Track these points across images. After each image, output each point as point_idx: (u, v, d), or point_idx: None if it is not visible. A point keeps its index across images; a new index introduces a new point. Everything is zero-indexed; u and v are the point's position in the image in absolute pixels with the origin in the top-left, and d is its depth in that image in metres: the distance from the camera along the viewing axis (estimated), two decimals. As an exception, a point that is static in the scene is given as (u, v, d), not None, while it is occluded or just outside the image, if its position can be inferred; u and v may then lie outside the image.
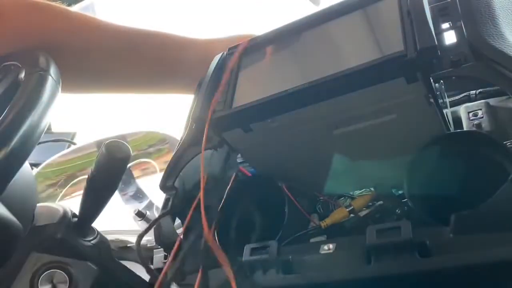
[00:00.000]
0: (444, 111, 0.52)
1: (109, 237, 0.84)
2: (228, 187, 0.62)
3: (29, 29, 0.69)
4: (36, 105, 0.58)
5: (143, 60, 0.71)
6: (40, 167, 1.23)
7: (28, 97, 0.58)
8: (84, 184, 0.72)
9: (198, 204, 0.60)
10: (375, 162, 0.56)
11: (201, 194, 0.54)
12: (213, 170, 0.59)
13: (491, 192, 0.42)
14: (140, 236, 0.57)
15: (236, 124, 0.54)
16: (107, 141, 0.68)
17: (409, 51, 0.45)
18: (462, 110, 0.61)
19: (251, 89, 0.56)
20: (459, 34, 0.51)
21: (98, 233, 0.79)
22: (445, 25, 0.52)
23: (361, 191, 0.60)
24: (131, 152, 0.69)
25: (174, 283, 0.57)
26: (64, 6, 0.73)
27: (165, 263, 0.61)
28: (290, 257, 0.49)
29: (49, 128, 1.59)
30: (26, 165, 0.68)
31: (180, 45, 0.69)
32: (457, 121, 0.60)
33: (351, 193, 0.61)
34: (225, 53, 0.62)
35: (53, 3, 0.72)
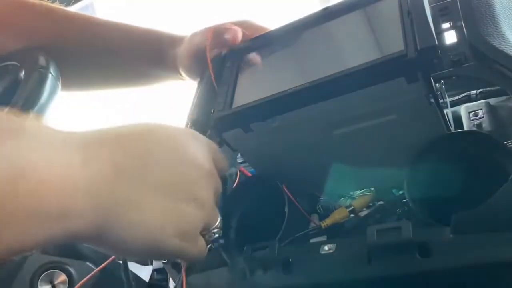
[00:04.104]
0: (445, 111, 0.52)
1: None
2: (233, 187, 0.62)
3: (27, 29, 0.69)
4: (38, 102, 0.58)
5: (141, 57, 0.72)
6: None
7: (29, 95, 0.58)
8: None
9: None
10: (375, 162, 0.56)
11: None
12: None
13: (491, 192, 0.42)
14: None
15: (236, 124, 0.54)
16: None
17: (410, 51, 0.45)
18: (462, 110, 0.61)
19: (251, 89, 0.56)
20: (459, 34, 0.51)
21: (98, 233, 0.79)
22: (445, 25, 0.52)
23: (361, 191, 0.60)
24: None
25: (172, 282, 0.57)
26: (61, 6, 0.73)
27: (164, 263, 0.60)
28: (290, 257, 0.49)
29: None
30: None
31: (171, 42, 0.70)
32: (458, 121, 0.60)
33: (351, 193, 0.61)
34: (224, 53, 0.62)
35: (51, 4, 0.72)
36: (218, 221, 0.43)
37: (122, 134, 0.38)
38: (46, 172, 0.31)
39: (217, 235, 0.43)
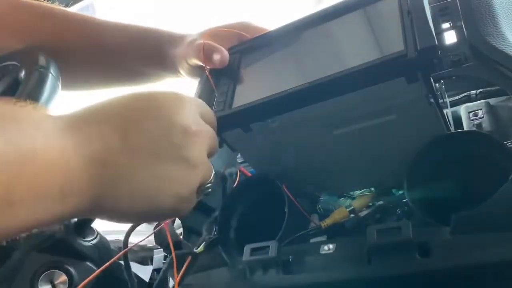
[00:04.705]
0: (444, 111, 0.52)
1: (109, 237, 0.84)
2: (233, 187, 0.62)
3: (27, 29, 0.70)
4: (38, 101, 0.58)
5: (140, 56, 0.72)
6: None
7: (29, 95, 0.58)
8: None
9: (200, 205, 0.60)
10: (375, 162, 0.56)
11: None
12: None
13: (491, 192, 0.42)
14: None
15: (236, 124, 0.54)
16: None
17: (410, 51, 0.45)
18: (462, 110, 0.61)
19: (251, 89, 0.56)
20: (459, 34, 0.51)
21: (98, 233, 0.79)
22: (445, 25, 0.52)
23: (361, 191, 0.60)
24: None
25: (171, 279, 0.57)
26: (61, 7, 0.73)
27: (164, 263, 0.60)
28: (290, 257, 0.49)
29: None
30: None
31: (171, 41, 0.70)
32: (458, 121, 0.60)
33: (351, 193, 0.61)
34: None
35: (51, 4, 0.72)
36: (212, 176, 0.43)
37: (108, 109, 0.39)
38: (45, 156, 0.33)
39: (210, 190, 0.44)
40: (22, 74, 0.61)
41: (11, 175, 0.31)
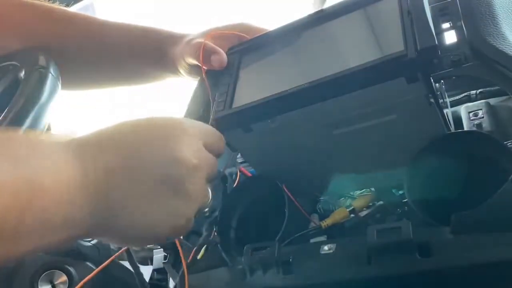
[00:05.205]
0: (445, 111, 0.52)
1: (109, 237, 0.83)
2: (234, 186, 0.62)
3: (27, 29, 0.70)
4: (38, 102, 0.58)
5: (140, 55, 0.72)
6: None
7: (29, 95, 0.58)
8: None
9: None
10: (376, 162, 0.56)
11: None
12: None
13: (491, 192, 0.42)
14: None
15: (236, 124, 0.54)
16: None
17: (410, 51, 0.45)
18: (462, 110, 0.61)
19: (251, 89, 0.56)
20: (459, 34, 0.51)
21: (98, 233, 0.79)
22: (445, 25, 0.52)
23: (361, 191, 0.60)
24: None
25: (172, 282, 0.57)
26: (61, 6, 0.73)
27: (164, 263, 0.60)
28: (290, 257, 0.49)
29: (48, 129, 1.59)
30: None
31: (171, 41, 0.70)
32: (458, 121, 0.60)
33: (351, 193, 0.61)
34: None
35: (51, 4, 0.72)
36: (210, 201, 0.44)
37: (112, 140, 0.40)
38: (53, 191, 0.35)
39: (207, 214, 0.45)
40: (22, 74, 0.61)
41: (22, 208, 0.32)
